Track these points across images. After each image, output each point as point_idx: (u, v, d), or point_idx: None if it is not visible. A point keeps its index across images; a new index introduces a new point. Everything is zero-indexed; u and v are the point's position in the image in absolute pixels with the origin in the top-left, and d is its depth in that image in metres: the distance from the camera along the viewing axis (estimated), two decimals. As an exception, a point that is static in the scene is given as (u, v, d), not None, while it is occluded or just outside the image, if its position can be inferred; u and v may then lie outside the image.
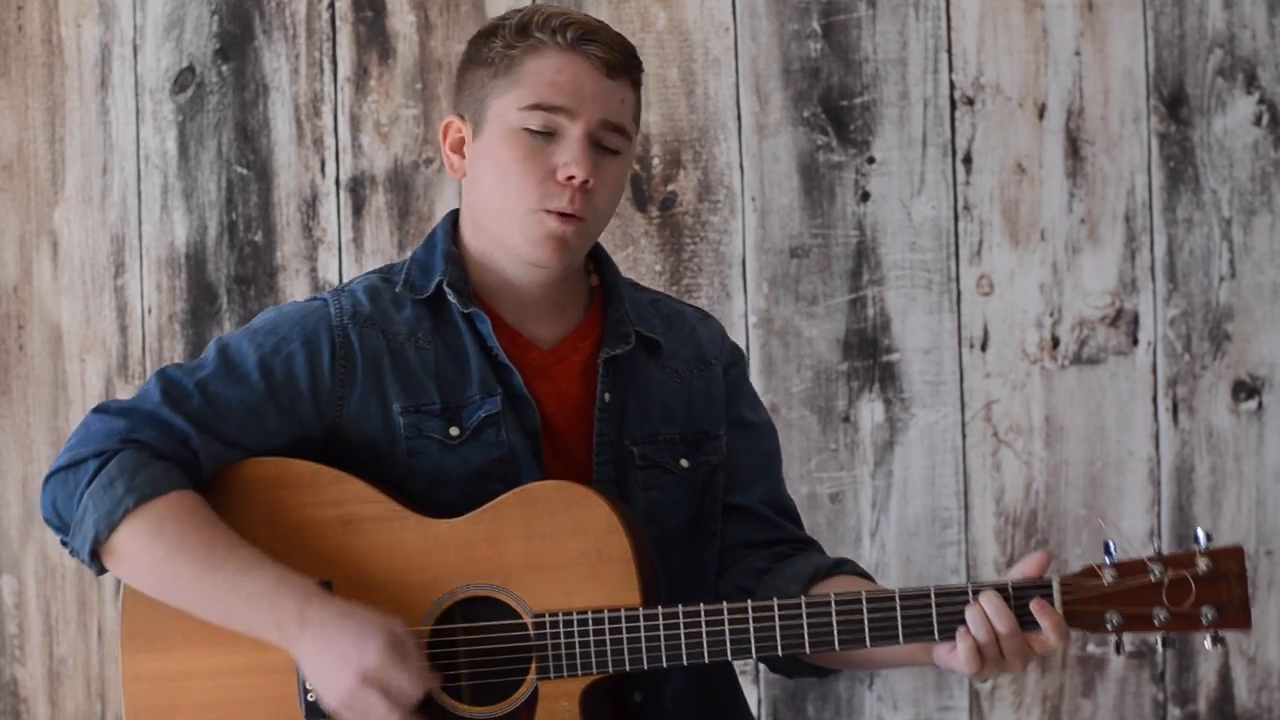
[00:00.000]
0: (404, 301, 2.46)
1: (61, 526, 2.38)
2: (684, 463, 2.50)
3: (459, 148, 2.47)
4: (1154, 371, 3.34)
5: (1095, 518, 2.55)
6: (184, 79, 3.45)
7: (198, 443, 2.37)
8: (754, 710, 2.59)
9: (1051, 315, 3.35)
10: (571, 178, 2.39)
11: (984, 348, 3.36)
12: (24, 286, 3.47)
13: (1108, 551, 2.28)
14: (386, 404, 2.42)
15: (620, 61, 2.43)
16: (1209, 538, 2.27)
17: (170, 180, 3.45)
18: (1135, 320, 3.35)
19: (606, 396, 2.47)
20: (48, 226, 3.47)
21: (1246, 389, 3.33)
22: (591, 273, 2.55)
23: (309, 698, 2.35)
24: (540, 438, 2.44)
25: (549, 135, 2.40)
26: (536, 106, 2.39)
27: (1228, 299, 3.33)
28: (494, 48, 2.42)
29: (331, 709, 2.31)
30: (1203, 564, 2.26)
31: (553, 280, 2.46)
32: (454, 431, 2.42)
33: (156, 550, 2.32)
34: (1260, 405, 3.33)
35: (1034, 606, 2.26)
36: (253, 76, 3.44)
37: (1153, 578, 2.26)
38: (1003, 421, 3.35)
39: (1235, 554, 2.27)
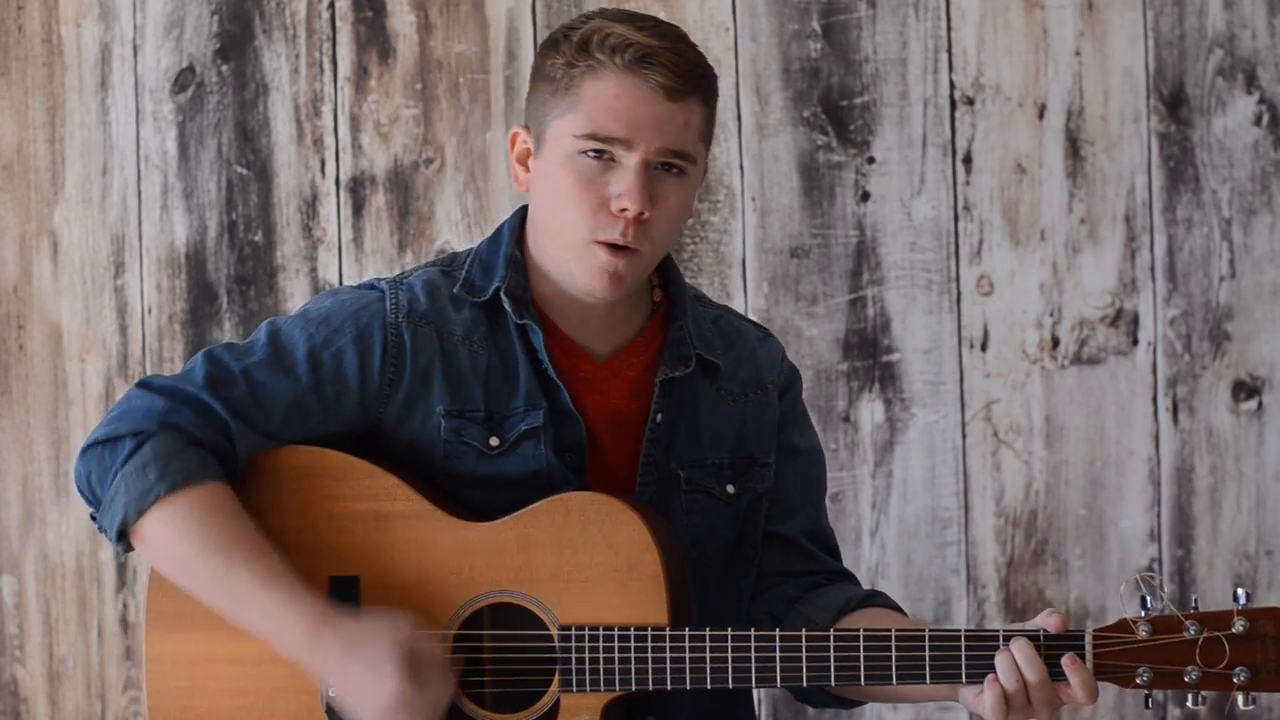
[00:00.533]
0: (462, 301, 2.42)
1: (93, 500, 2.36)
2: (730, 489, 2.47)
3: (524, 159, 2.41)
4: (1154, 371, 3.34)
5: (1135, 573, 2.51)
6: (184, 79, 3.45)
7: (236, 433, 2.34)
8: (755, 710, 2.58)
9: (1051, 315, 3.35)
10: (623, 210, 2.33)
11: (984, 348, 3.36)
12: (24, 286, 3.47)
13: (1144, 605, 2.25)
14: (430, 405, 2.39)
15: (682, 84, 2.34)
16: (1248, 596, 2.24)
17: (170, 180, 3.45)
18: (1135, 320, 3.35)
19: (659, 417, 2.43)
20: (48, 226, 3.47)
21: (1246, 389, 3.33)
22: (656, 285, 2.50)
23: (330, 691, 2.34)
24: (585, 451, 2.41)
25: (606, 160, 2.33)
26: (591, 136, 2.32)
27: (1228, 299, 3.33)
28: (556, 64, 2.35)
29: None
30: (1239, 624, 2.23)
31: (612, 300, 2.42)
32: (494, 441, 2.39)
33: (180, 545, 2.31)
34: (1260, 405, 3.33)
35: (1065, 662, 2.23)
36: (253, 76, 3.44)
37: (1187, 635, 2.23)
38: (1003, 421, 3.35)
39: (1273, 615, 2.23)
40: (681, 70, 2.34)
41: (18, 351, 3.47)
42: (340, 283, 3.41)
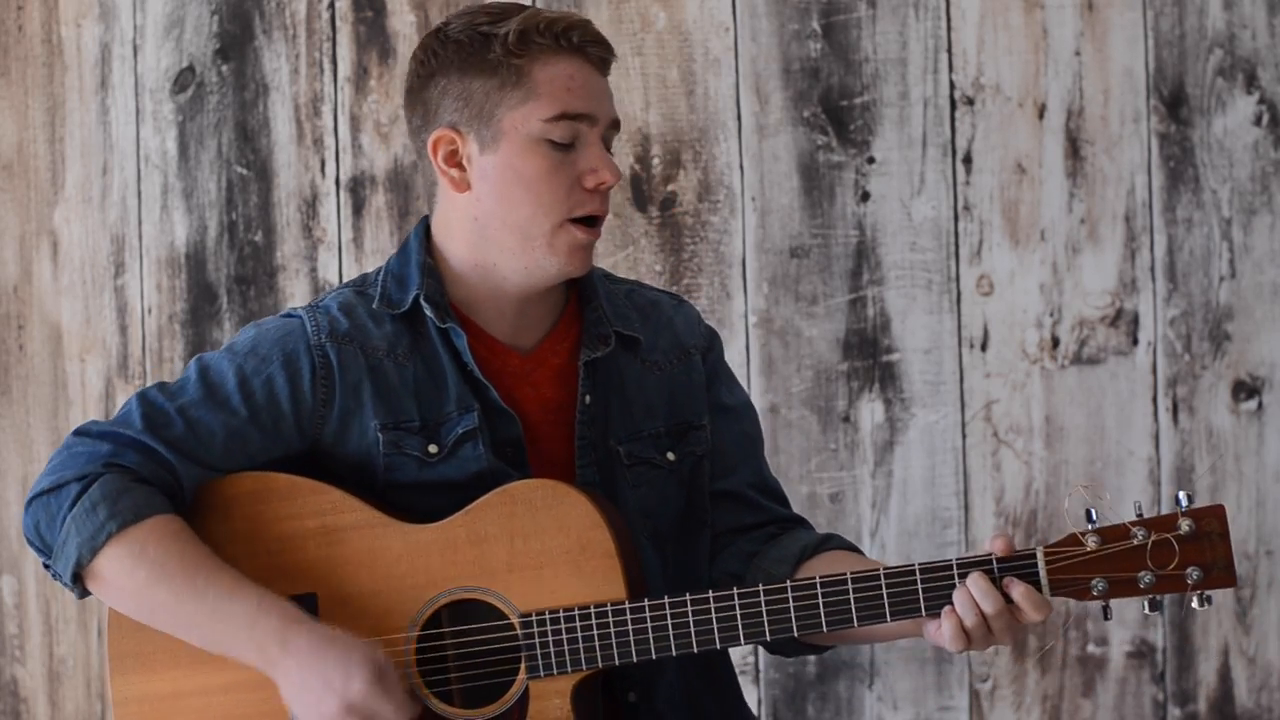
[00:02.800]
0: (382, 317, 2.44)
1: (44, 549, 2.37)
2: (670, 456, 2.50)
3: (453, 160, 2.43)
4: (1154, 371, 3.34)
5: (1076, 486, 2.56)
6: (184, 79, 3.45)
7: (180, 469, 2.37)
8: (754, 710, 2.59)
9: (1051, 315, 3.35)
10: (602, 183, 2.39)
11: (984, 348, 3.36)
12: (24, 286, 3.47)
13: (1089, 518, 2.28)
14: (365, 421, 2.41)
15: (610, 57, 2.45)
16: (1190, 499, 2.27)
17: (170, 180, 3.45)
18: (1135, 320, 3.35)
19: (587, 399, 2.46)
20: (48, 226, 3.47)
21: (1246, 389, 3.33)
22: None
23: (292, 695, 2.35)
24: (523, 446, 2.43)
25: (568, 146, 2.39)
26: (562, 116, 2.38)
27: (1228, 299, 3.33)
28: (493, 59, 2.39)
29: None
30: (1185, 525, 2.25)
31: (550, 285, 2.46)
32: (432, 449, 2.41)
33: (138, 575, 2.32)
34: (1260, 405, 3.33)
35: (1006, 585, 2.26)
36: (253, 76, 3.44)
37: (1136, 541, 2.26)
38: (1003, 421, 3.35)
39: (1217, 512, 2.26)
40: (607, 45, 2.44)
41: (18, 351, 3.47)
42: (340, 283, 3.41)
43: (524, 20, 2.40)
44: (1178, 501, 2.27)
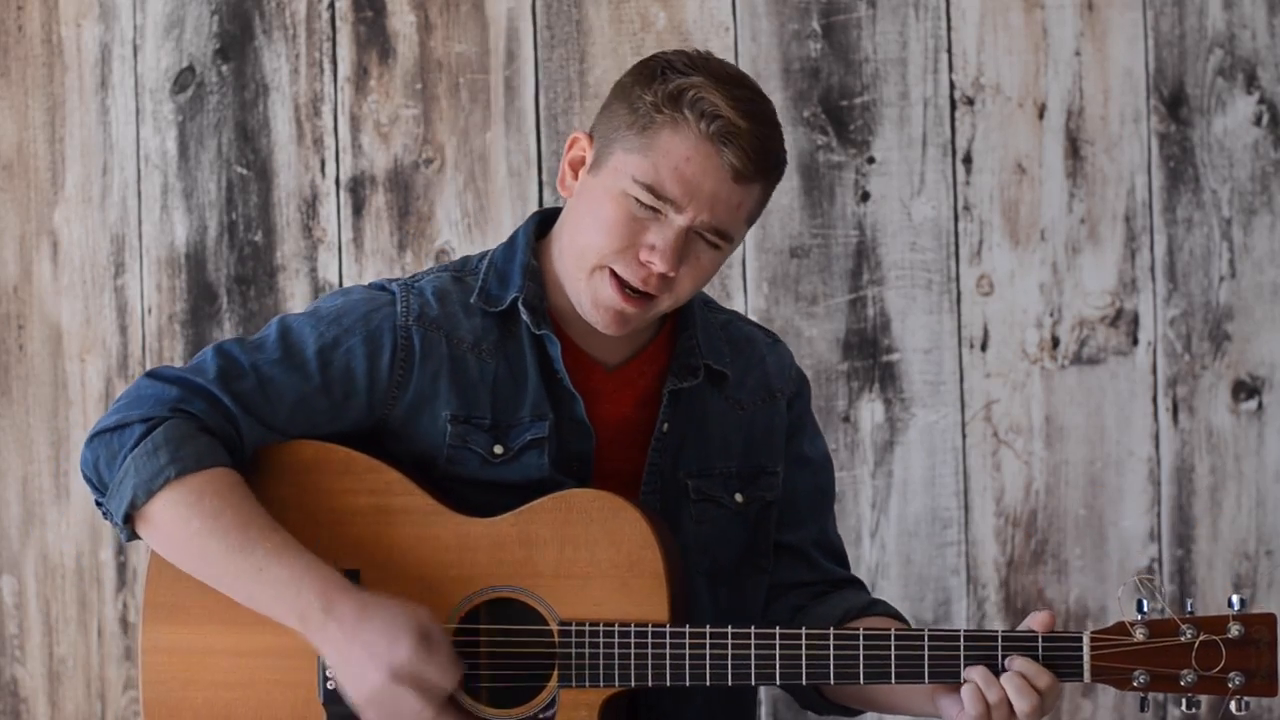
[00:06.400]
0: (474, 309, 2.42)
1: (99, 486, 2.36)
2: (738, 497, 2.48)
3: (577, 165, 2.41)
4: (1154, 371, 3.34)
5: (1134, 575, 2.51)
6: (184, 79, 3.45)
7: (244, 425, 2.35)
8: (755, 711, 2.58)
9: (1051, 315, 3.35)
10: (650, 263, 2.34)
11: (984, 348, 3.36)
12: (24, 286, 3.47)
13: (1140, 608, 2.27)
14: (436, 409, 2.40)
15: (752, 171, 2.34)
16: (1243, 603, 2.27)
17: (170, 180, 3.45)
18: (1135, 320, 3.35)
19: (665, 427, 2.44)
20: (48, 226, 3.47)
21: (1246, 389, 3.33)
22: None
23: (329, 685, 2.34)
24: (591, 462, 2.42)
25: (652, 211, 2.34)
26: (650, 189, 2.33)
27: (1228, 299, 3.33)
28: (644, 99, 2.34)
29: (357, 704, 2.30)
30: (1234, 629, 2.25)
31: None
32: (498, 450, 2.40)
33: (191, 523, 2.31)
34: (1260, 405, 3.33)
35: (1010, 661, 2.26)
36: (253, 76, 3.44)
37: (1183, 639, 2.25)
38: (1003, 421, 3.35)
39: (1268, 621, 2.25)
40: (757, 157, 2.35)
41: (18, 351, 3.47)
42: (340, 283, 3.41)
43: (692, 86, 2.33)
44: (1230, 604, 2.27)
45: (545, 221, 2.51)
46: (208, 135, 3.44)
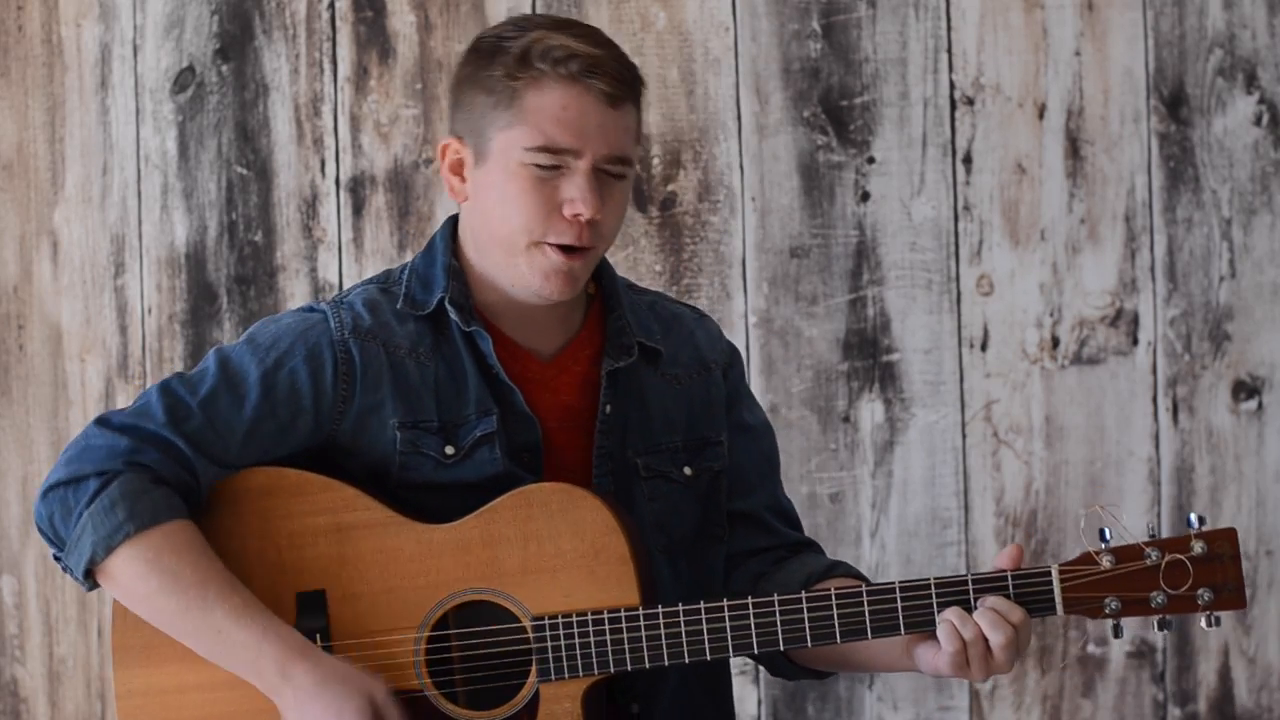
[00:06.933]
0: (405, 316, 2.44)
1: (56, 541, 2.36)
2: (687, 470, 2.50)
3: (458, 169, 2.43)
4: (1154, 371, 3.34)
5: (1092, 505, 2.56)
6: (184, 79, 3.45)
7: (199, 467, 2.36)
8: (755, 710, 2.59)
9: (1051, 315, 3.35)
10: (578, 214, 2.35)
11: (984, 348, 3.36)
12: (24, 286, 3.47)
13: (1103, 537, 2.30)
14: (384, 419, 2.40)
15: (624, 90, 2.38)
16: (1202, 520, 2.29)
17: (170, 180, 3.45)
18: (1135, 320, 3.35)
19: (608, 409, 2.45)
20: (48, 226, 3.47)
21: (1246, 389, 3.33)
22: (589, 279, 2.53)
23: None
24: (540, 452, 2.43)
25: (554, 169, 2.36)
26: (543, 149, 2.34)
27: (1228, 299, 3.33)
28: (494, 75, 2.37)
29: None
30: (1198, 546, 2.28)
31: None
32: (449, 450, 2.40)
33: (150, 581, 2.32)
34: (1260, 405, 3.33)
35: (981, 601, 2.27)
36: (253, 76, 3.44)
37: (1149, 561, 2.28)
38: (1003, 421, 3.35)
39: (1229, 535, 2.28)
40: (621, 77, 2.38)
41: (18, 351, 3.47)
42: (340, 283, 3.41)
43: (532, 41, 2.36)
44: (1189, 523, 2.29)
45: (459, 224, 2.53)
46: (208, 135, 3.44)
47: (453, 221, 2.51)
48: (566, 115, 2.35)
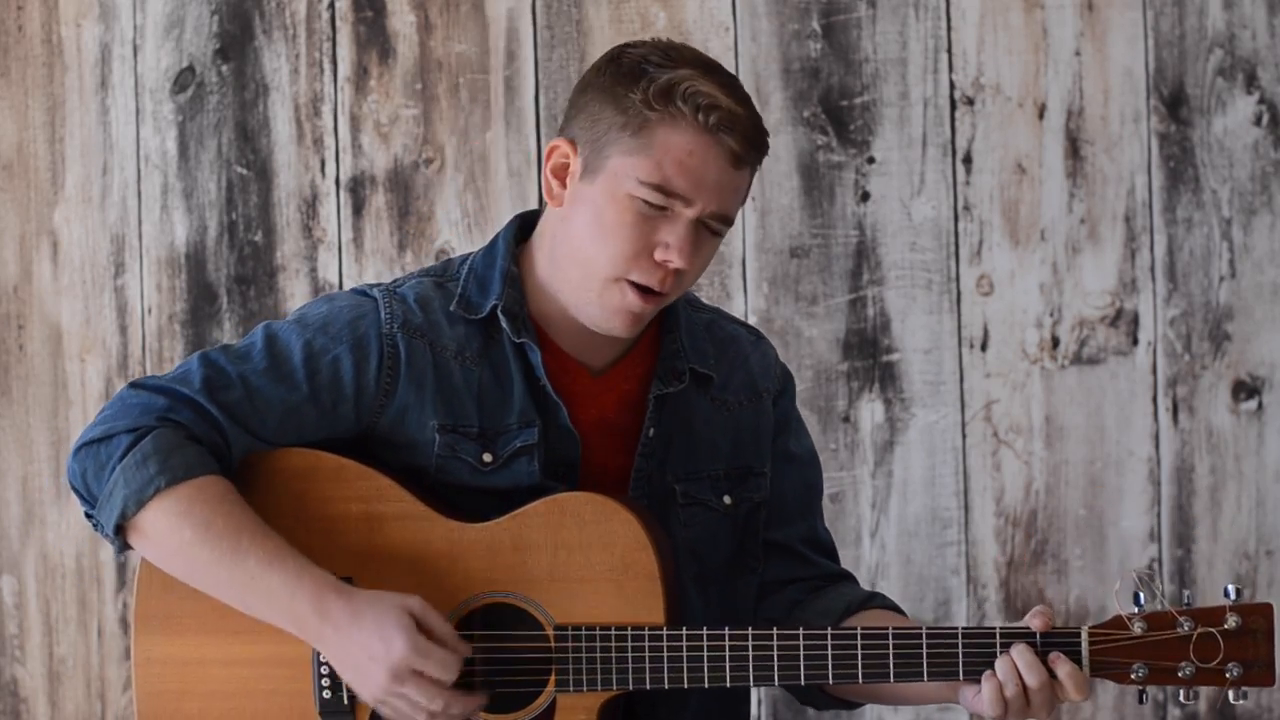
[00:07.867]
0: (456, 317, 2.41)
1: (88, 498, 2.34)
2: (727, 499, 2.47)
3: (562, 174, 2.38)
4: (1154, 371, 3.34)
5: (1130, 570, 2.51)
6: (184, 79, 3.45)
7: (232, 435, 2.34)
8: (754, 710, 2.58)
9: (1051, 315, 3.35)
10: (668, 262, 2.32)
11: (984, 348, 3.36)
12: (24, 286, 3.47)
13: (1137, 602, 2.27)
14: (424, 418, 2.39)
15: (750, 155, 2.35)
16: (1239, 593, 2.27)
17: (170, 180, 3.45)
18: (1135, 320, 3.35)
19: (651, 432, 2.43)
20: (48, 226, 3.47)
21: (1246, 389, 3.33)
22: None
23: (325, 694, 2.34)
24: (578, 468, 2.41)
25: (660, 210, 2.32)
26: (658, 188, 2.31)
27: (1228, 299, 3.33)
28: (631, 97, 2.32)
29: (370, 705, 2.29)
30: (1232, 620, 2.25)
31: None
32: (487, 458, 2.39)
33: (183, 533, 2.30)
34: (1260, 405, 3.33)
35: (1052, 660, 2.25)
36: (253, 76, 3.44)
37: (1181, 631, 2.26)
38: (1003, 421, 3.35)
39: (1265, 611, 2.26)
40: (753, 141, 2.35)
41: (18, 351, 3.47)
42: (340, 283, 3.41)
43: (680, 79, 2.32)
44: (1226, 593, 2.27)
45: (525, 225, 2.49)
46: (208, 135, 3.44)
47: (519, 220, 2.48)
48: (690, 162, 2.31)
